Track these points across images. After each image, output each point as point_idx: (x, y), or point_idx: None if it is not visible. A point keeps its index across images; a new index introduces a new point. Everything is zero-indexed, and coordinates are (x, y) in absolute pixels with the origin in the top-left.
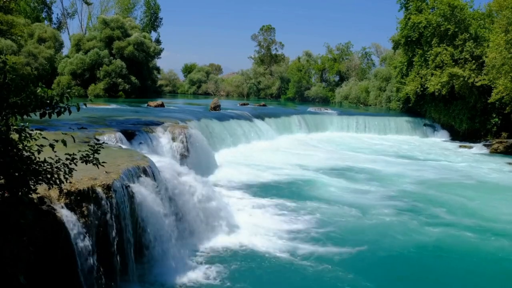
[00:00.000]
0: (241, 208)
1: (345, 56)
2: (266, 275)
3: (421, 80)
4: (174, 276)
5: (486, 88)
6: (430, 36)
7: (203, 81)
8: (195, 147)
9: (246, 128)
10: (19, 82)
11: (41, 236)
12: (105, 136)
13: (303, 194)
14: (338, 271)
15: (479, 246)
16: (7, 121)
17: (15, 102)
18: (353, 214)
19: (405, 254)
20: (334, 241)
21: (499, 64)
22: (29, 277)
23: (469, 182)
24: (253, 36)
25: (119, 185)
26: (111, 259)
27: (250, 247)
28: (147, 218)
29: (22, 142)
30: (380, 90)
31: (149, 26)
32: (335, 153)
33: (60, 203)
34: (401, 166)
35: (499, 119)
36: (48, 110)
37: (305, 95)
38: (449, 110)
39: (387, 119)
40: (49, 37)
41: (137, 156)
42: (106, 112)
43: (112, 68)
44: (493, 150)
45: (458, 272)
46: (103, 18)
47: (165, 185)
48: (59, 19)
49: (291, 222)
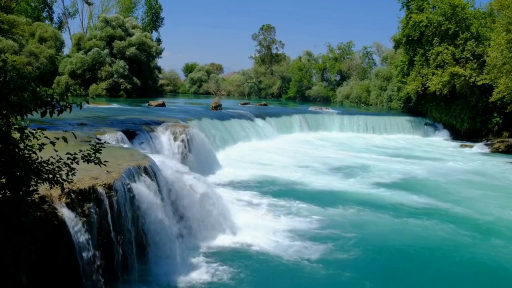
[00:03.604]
0: (242, 208)
1: (346, 55)
2: (267, 274)
3: (422, 80)
4: (176, 276)
5: (488, 88)
6: (431, 35)
7: (204, 81)
8: (196, 147)
9: (247, 127)
10: (19, 81)
11: (43, 235)
12: (106, 136)
13: (305, 194)
14: (340, 271)
15: (481, 245)
16: (8, 120)
17: (16, 101)
18: (358, 214)
19: (408, 252)
20: (335, 241)
21: (500, 64)
22: (31, 276)
23: (471, 182)
24: (254, 36)
25: (120, 184)
26: (112, 259)
27: (251, 247)
28: (148, 217)
29: (23, 141)
30: (381, 90)
31: (150, 25)
32: (336, 152)
33: (61, 202)
34: (402, 165)
35: (500, 119)
36: (49, 109)
37: (306, 94)
38: (450, 110)
39: (388, 118)
40: (50, 37)
41: (138, 156)
42: (107, 112)
43: (114, 69)
44: (495, 149)
45: (466, 271)
46: (104, 17)
47: (166, 184)
48: (60, 18)
49: (293, 221)
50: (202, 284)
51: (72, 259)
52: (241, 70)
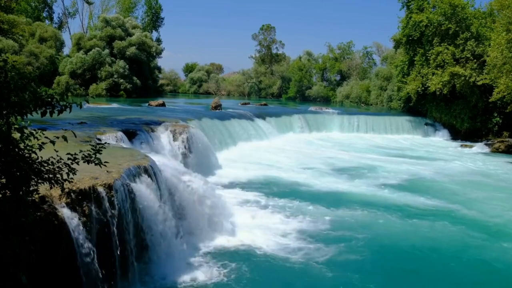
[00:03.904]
0: (242, 207)
1: (346, 55)
2: (268, 274)
3: (422, 80)
4: (176, 276)
5: (488, 87)
6: (431, 35)
7: (204, 81)
8: (196, 147)
9: (247, 127)
10: (20, 81)
11: (43, 235)
12: (107, 136)
13: (305, 194)
14: (341, 270)
15: (491, 247)
16: (8, 120)
17: (16, 101)
18: (360, 213)
19: (416, 253)
20: (336, 241)
21: (501, 63)
22: (31, 276)
23: (476, 183)
24: (254, 36)
25: (120, 184)
26: (112, 259)
27: (251, 247)
28: (148, 217)
29: (23, 141)
30: (381, 90)
31: (150, 25)
32: (337, 152)
33: (62, 202)
34: (404, 165)
35: (500, 119)
36: (49, 109)
37: (306, 94)
38: (450, 110)
39: (388, 118)
40: (50, 37)
41: (138, 156)
42: (107, 112)
43: (114, 69)
44: (495, 149)
45: (475, 272)
46: (104, 17)
47: (166, 184)
48: (60, 18)
49: (294, 221)
50: (202, 284)
51: (72, 259)
52: (241, 70)
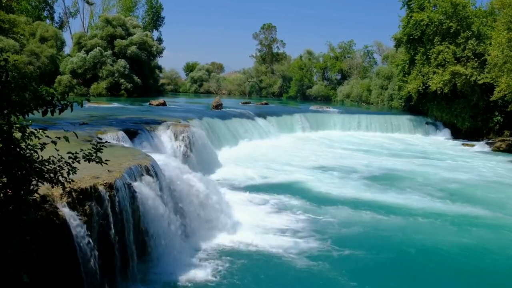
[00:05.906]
0: (243, 207)
1: (347, 54)
2: (268, 274)
3: (423, 79)
4: (176, 275)
5: (489, 86)
6: (432, 34)
7: (204, 80)
8: (197, 146)
9: (248, 126)
10: (20, 80)
11: (44, 235)
12: (108, 135)
13: (306, 193)
14: (341, 270)
15: (486, 244)
16: (9, 119)
17: (17, 101)
18: (361, 213)
19: (411, 251)
20: (336, 241)
21: (501, 62)
22: (32, 275)
23: (472, 181)
24: (254, 35)
25: (122, 183)
26: (113, 258)
27: (252, 246)
28: (149, 216)
29: (24, 140)
30: (382, 89)
31: (151, 25)
32: (337, 151)
33: (63, 202)
34: (404, 165)
35: (501, 117)
36: (50, 108)
37: (307, 93)
38: (451, 109)
39: (389, 117)
40: (51, 36)
41: (139, 155)
42: (108, 111)
43: (115, 68)
44: (496, 148)
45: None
46: (105, 17)
47: (167, 183)
48: (61, 18)
49: (294, 221)
50: (203, 282)
51: (73, 258)
52: (242, 69)
